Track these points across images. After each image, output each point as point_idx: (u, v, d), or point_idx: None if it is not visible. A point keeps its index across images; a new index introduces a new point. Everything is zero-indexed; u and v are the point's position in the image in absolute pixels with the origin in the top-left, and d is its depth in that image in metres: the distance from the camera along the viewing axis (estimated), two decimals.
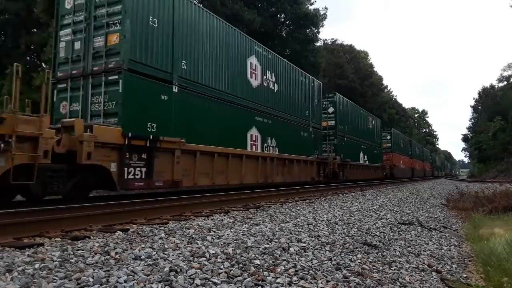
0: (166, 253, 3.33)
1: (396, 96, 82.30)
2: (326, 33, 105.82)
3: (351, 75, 44.41)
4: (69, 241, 3.74)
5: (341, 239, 4.89)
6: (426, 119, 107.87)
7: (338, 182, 17.83)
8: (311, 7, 30.38)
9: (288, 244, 4.15)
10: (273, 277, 3.10)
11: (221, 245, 3.81)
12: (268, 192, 10.12)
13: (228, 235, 4.32)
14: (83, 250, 3.31)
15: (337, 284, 3.26)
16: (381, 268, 4.10)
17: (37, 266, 2.76)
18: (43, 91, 5.66)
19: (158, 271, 2.83)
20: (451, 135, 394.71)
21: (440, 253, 5.58)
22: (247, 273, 3.08)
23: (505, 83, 60.11)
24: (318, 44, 33.34)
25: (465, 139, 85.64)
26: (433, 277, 4.33)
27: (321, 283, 3.20)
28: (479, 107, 74.29)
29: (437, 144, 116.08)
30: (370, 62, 56.97)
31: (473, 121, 78.50)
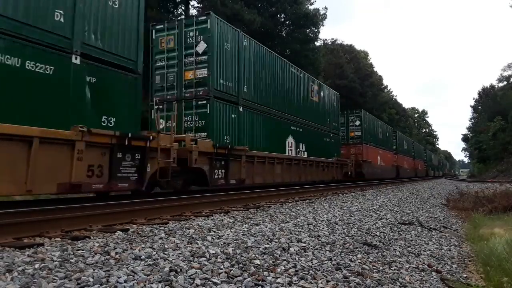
0: (166, 253, 3.33)
1: (396, 96, 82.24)
2: (326, 33, 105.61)
3: (351, 75, 44.34)
4: (69, 241, 3.74)
5: (341, 239, 4.89)
6: (426, 119, 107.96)
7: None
8: (311, 7, 30.43)
9: (288, 244, 4.15)
10: (273, 277, 3.09)
11: (221, 245, 3.81)
12: (268, 192, 10.26)
13: (228, 235, 4.32)
14: (83, 250, 3.30)
15: (337, 284, 3.25)
16: (381, 268, 4.10)
17: (37, 266, 2.76)
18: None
19: (158, 271, 2.83)
20: (451, 135, 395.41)
21: (440, 253, 5.57)
22: (247, 273, 3.08)
23: (505, 83, 60.23)
24: (318, 44, 33.42)
25: (465, 139, 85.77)
26: (433, 277, 4.33)
27: (321, 283, 3.20)
28: (479, 107, 74.34)
29: (437, 144, 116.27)
30: (370, 62, 56.94)
31: (473, 121, 78.62)
